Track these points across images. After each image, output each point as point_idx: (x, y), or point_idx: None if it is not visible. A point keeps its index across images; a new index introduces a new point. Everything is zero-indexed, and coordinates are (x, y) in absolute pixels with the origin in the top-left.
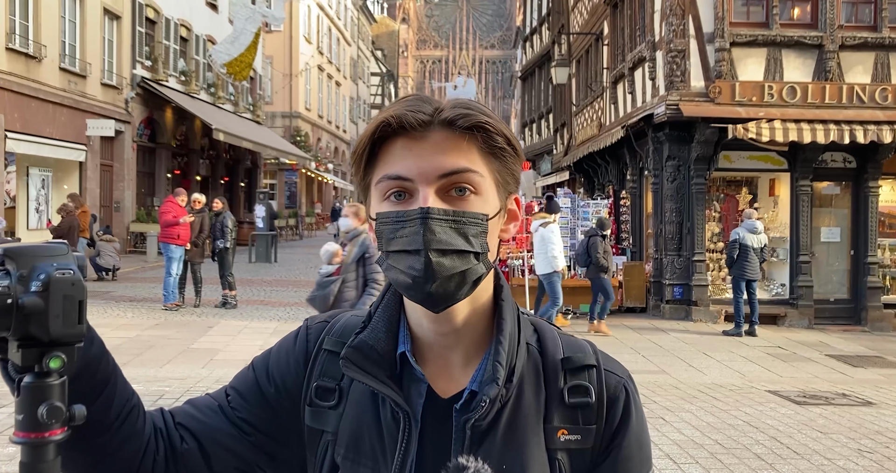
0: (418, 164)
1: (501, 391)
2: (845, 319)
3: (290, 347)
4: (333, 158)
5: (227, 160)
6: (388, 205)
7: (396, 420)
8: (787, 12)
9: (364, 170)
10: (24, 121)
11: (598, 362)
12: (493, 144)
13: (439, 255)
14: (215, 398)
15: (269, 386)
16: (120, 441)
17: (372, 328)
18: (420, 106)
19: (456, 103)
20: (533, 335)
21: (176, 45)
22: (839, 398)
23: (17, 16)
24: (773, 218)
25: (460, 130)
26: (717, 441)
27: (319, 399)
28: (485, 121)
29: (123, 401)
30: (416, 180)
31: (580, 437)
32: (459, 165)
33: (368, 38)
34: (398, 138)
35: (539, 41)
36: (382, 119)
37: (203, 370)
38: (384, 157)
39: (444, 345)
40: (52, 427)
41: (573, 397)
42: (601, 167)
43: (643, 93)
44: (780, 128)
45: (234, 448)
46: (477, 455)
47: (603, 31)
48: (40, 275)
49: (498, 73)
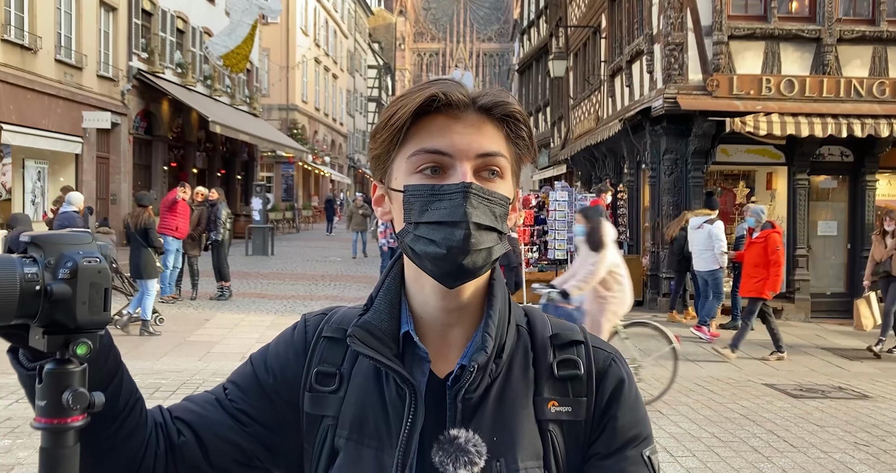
0: (459, 141)
1: (491, 366)
2: (842, 313)
3: (289, 338)
4: (330, 151)
5: (223, 153)
6: (421, 178)
7: (402, 397)
8: (785, 5)
9: (391, 143)
10: (20, 113)
11: (586, 338)
12: (518, 135)
13: (477, 228)
14: (213, 392)
15: (267, 377)
16: (126, 434)
17: (374, 310)
18: (459, 88)
19: (491, 91)
20: (524, 319)
21: (172, 37)
22: (835, 391)
23: (12, 7)
24: (770, 212)
25: (494, 117)
26: (714, 434)
27: (319, 385)
28: (517, 111)
29: (129, 393)
30: (455, 156)
31: (571, 409)
32: (494, 148)
33: (365, 30)
34: (437, 116)
35: (536, 34)
36: (431, 94)
37: (199, 362)
38: (419, 131)
39: (447, 323)
40: (75, 412)
41: (562, 370)
42: (598, 161)
43: (641, 86)
44: (778, 121)
45: (232, 438)
46: (469, 427)
47: (601, 24)
48: (67, 262)
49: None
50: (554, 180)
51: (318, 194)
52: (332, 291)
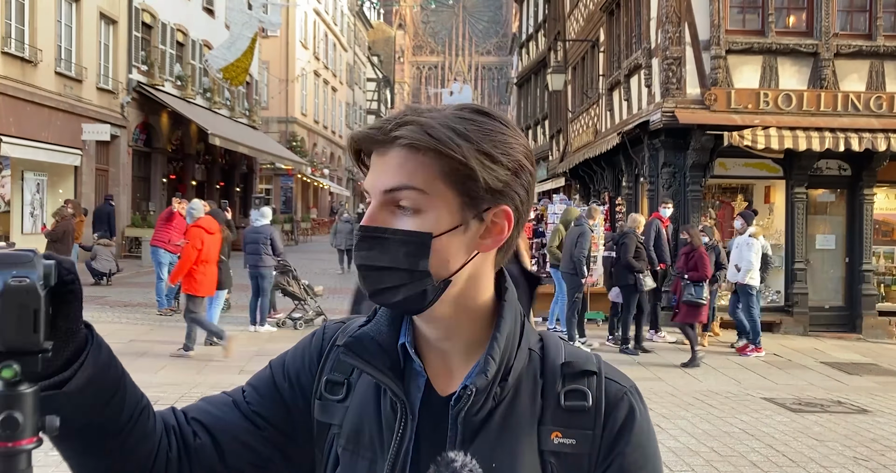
0: (371, 179)
1: (496, 389)
2: (840, 326)
3: (307, 344)
4: (329, 163)
5: (222, 165)
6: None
7: (395, 411)
8: (783, 20)
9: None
10: (20, 125)
11: (600, 370)
12: (450, 164)
13: (367, 269)
14: (230, 394)
15: (283, 382)
16: (132, 444)
17: (376, 322)
18: (386, 124)
19: (413, 118)
20: (538, 344)
21: (172, 50)
22: (835, 405)
23: (13, 20)
24: (768, 225)
25: (410, 148)
26: (713, 448)
27: (329, 393)
28: (414, 138)
29: (134, 404)
30: (371, 194)
31: (574, 442)
32: (397, 183)
33: (365, 43)
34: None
35: (535, 48)
36: (350, 136)
37: (198, 375)
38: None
39: (443, 343)
40: (14, 437)
41: (569, 400)
42: (597, 174)
43: (639, 100)
44: (776, 135)
45: (248, 441)
46: (468, 451)
47: (599, 38)
48: None
49: (494, 79)
50: (552, 193)
51: (317, 206)
52: (332, 304)
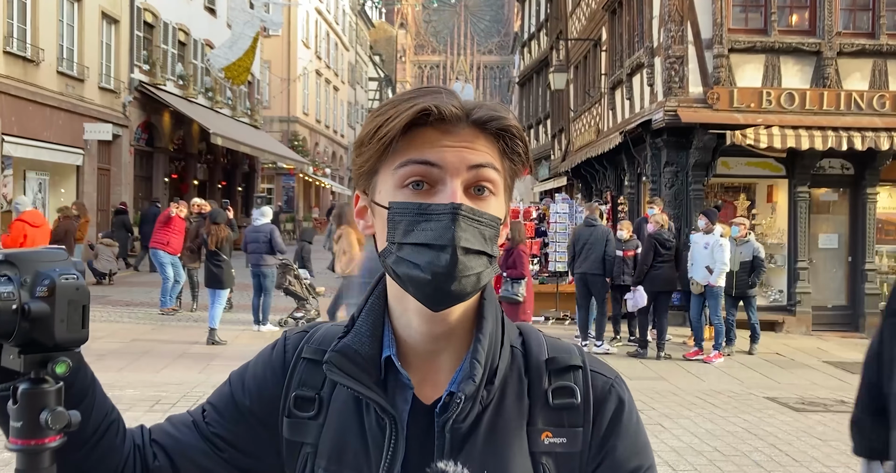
0: (449, 153)
1: (482, 393)
2: (843, 326)
3: (268, 358)
4: (331, 162)
5: (224, 165)
6: (407, 194)
7: (382, 427)
8: (786, 19)
9: (378, 157)
10: (22, 124)
11: (585, 363)
12: (514, 150)
13: (465, 253)
14: (192, 414)
15: (244, 399)
16: (97, 458)
17: (356, 333)
18: (453, 100)
19: (486, 104)
20: (518, 339)
21: (174, 50)
22: (838, 405)
23: (14, 19)
24: (770, 224)
25: (489, 132)
26: (716, 448)
27: (298, 410)
28: (513, 126)
29: (101, 416)
30: (445, 169)
31: (566, 440)
32: (486, 160)
33: (366, 43)
34: (428, 128)
35: (537, 47)
36: (423, 107)
37: (200, 374)
38: (408, 144)
39: (432, 350)
40: (52, 432)
41: (557, 398)
42: (599, 173)
43: (641, 99)
44: (778, 134)
45: (205, 464)
46: (458, 459)
47: (601, 37)
48: (44, 280)
49: (496, 78)
50: (554, 192)
51: (318, 205)
52: None
